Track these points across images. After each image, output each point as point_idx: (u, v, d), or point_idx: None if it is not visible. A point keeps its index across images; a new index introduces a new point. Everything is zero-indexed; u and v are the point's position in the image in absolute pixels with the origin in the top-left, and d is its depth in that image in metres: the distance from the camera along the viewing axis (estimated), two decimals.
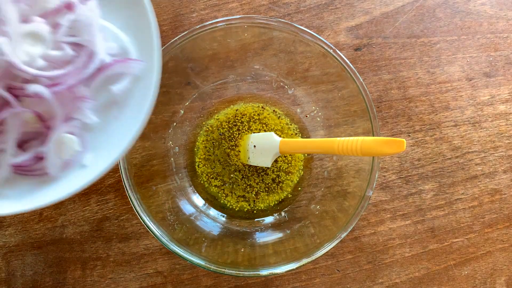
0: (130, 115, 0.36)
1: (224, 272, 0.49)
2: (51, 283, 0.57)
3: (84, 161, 0.36)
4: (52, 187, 0.35)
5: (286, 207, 0.61)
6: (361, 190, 0.52)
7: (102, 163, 0.35)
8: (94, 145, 0.37)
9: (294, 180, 0.61)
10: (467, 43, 0.67)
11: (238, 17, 0.53)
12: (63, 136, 0.35)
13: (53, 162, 0.35)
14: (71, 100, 0.35)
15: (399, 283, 0.61)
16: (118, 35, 0.37)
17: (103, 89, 0.37)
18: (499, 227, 0.63)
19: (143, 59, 0.36)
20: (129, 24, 0.37)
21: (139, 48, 0.37)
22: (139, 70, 0.36)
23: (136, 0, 0.36)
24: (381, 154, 0.46)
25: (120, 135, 0.36)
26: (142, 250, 0.59)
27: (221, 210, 0.60)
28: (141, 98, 0.36)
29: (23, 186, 0.35)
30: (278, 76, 0.61)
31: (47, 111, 0.35)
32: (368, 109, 0.53)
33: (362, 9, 0.66)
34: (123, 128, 0.36)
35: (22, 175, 0.36)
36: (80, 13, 0.35)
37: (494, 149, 0.64)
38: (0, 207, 0.33)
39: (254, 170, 0.60)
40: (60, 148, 0.35)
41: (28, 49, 0.33)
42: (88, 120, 0.36)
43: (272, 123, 0.62)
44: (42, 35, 0.34)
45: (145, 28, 0.36)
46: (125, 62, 0.36)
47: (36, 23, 0.33)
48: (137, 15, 0.36)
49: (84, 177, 0.35)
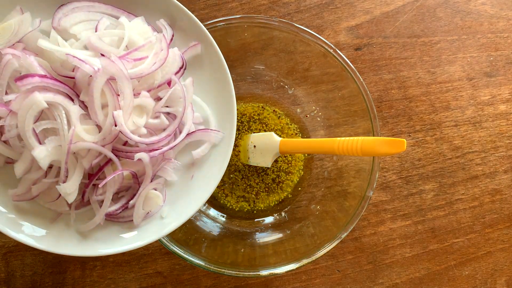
0: (205, 177, 0.42)
1: (224, 273, 0.49)
2: (51, 283, 0.57)
3: (161, 213, 0.42)
4: (134, 235, 0.40)
5: (286, 207, 0.60)
6: (362, 190, 0.52)
7: (178, 217, 0.41)
8: (171, 199, 0.42)
9: (294, 180, 0.61)
10: (467, 42, 0.67)
11: (238, 17, 0.53)
12: (150, 192, 0.41)
13: (138, 213, 0.40)
14: (160, 161, 0.41)
15: (400, 284, 0.60)
16: (202, 107, 0.43)
17: (185, 152, 0.43)
18: (500, 227, 0.63)
19: (221, 129, 0.43)
20: (211, 97, 0.43)
21: (218, 119, 0.43)
22: (216, 139, 0.42)
23: (223, 81, 0.42)
24: (381, 154, 0.46)
25: (196, 193, 0.42)
26: (142, 250, 0.59)
27: (221, 210, 0.60)
28: (216, 163, 0.42)
29: (110, 231, 0.41)
30: (278, 76, 0.61)
31: (140, 170, 0.40)
32: (369, 109, 0.53)
33: (363, 9, 0.66)
34: (199, 187, 0.42)
35: (110, 221, 0.41)
36: (177, 88, 0.40)
37: (495, 149, 0.64)
38: (90, 248, 0.39)
39: (254, 170, 0.60)
40: (146, 202, 0.41)
41: (135, 119, 0.38)
42: (169, 178, 0.42)
43: (272, 123, 0.61)
44: (147, 107, 0.39)
45: (227, 104, 0.42)
46: (206, 132, 0.42)
47: (144, 98, 0.39)
48: (221, 91, 0.43)
49: (161, 229, 0.40)
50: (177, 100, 0.42)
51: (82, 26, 0.40)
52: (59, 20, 0.39)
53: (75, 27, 0.40)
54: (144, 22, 0.42)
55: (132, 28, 0.40)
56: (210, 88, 0.44)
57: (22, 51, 0.37)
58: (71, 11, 0.40)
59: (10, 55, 0.37)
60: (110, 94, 0.37)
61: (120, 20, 0.41)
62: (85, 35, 0.39)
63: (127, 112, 0.37)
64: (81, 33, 0.40)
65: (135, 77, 0.38)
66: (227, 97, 0.43)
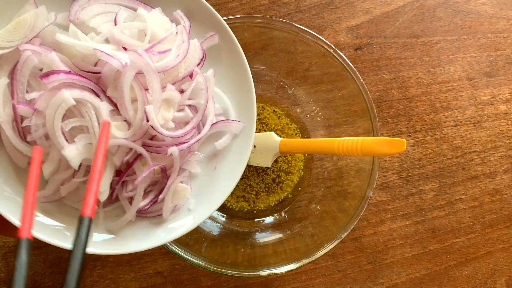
0: (229, 167, 0.42)
1: (224, 273, 0.49)
2: (51, 283, 0.57)
3: (188, 206, 0.41)
4: (163, 229, 0.40)
5: (286, 207, 0.60)
6: (362, 190, 0.52)
7: (206, 209, 0.40)
8: (196, 192, 0.42)
9: (294, 180, 0.61)
10: (467, 42, 0.67)
11: (238, 17, 0.53)
12: (178, 185, 0.40)
13: (168, 207, 0.40)
14: (186, 154, 0.41)
15: (400, 284, 0.60)
16: (222, 98, 0.43)
17: (206, 144, 0.43)
18: (500, 227, 0.63)
19: (241, 119, 0.43)
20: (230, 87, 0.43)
21: (238, 110, 0.43)
22: (237, 129, 0.42)
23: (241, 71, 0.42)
24: (381, 154, 0.46)
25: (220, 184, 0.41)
26: (142, 250, 0.59)
27: (221, 210, 0.60)
28: (238, 153, 0.42)
29: (139, 226, 0.40)
30: (278, 76, 0.61)
31: (167, 164, 0.40)
32: (369, 109, 0.53)
33: (363, 9, 0.66)
34: (223, 178, 0.42)
35: (139, 217, 0.41)
36: (200, 80, 0.40)
37: (495, 149, 0.64)
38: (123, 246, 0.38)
39: (254, 170, 0.60)
40: (174, 195, 0.40)
41: (163, 113, 0.38)
42: (193, 170, 0.42)
43: (272, 123, 0.61)
44: (173, 101, 0.39)
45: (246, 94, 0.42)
46: (228, 122, 0.42)
47: (170, 91, 0.38)
48: (239, 81, 0.43)
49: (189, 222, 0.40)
50: (199, 92, 0.41)
51: (100, 19, 0.39)
52: (75, 13, 0.38)
53: (93, 20, 0.39)
54: (162, 13, 0.41)
55: (152, 20, 0.39)
56: (228, 78, 0.43)
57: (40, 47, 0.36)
58: (87, 3, 0.39)
59: (29, 51, 0.35)
60: (139, 89, 0.36)
61: (139, 12, 0.40)
62: (106, 28, 0.38)
63: (156, 107, 0.37)
64: (100, 26, 0.38)
65: (162, 71, 0.38)
66: (246, 87, 0.42)
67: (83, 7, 0.39)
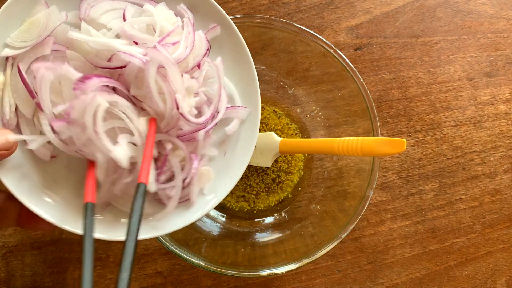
0: (238, 152, 0.44)
1: (224, 273, 0.49)
2: (51, 284, 0.57)
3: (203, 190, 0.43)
4: (192, 211, 0.42)
5: (286, 207, 0.60)
6: (362, 190, 0.52)
7: (219, 193, 0.42)
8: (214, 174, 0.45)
9: (294, 180, 0.61)
10: (467, 42, 0.66)
11: (238, 17, 0.53)
12: (202, 168, 0.42)
13: (195, 191, 0.42)
14: (205, 139, 0.43)
15: (400, 284, 0.60)
16: (227, 85, 0.45)
17: (219, 129, 0.45)
18: (500, 227, 0.63)
19: (246, 105, 0.44)
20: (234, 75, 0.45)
21: (242, 97, 0.45)
22: (244, 115, 0.44)
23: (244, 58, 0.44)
24: (381, 154, 0.46)
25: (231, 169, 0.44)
26: (142, 251, 0.59)
27: (221, 210, 0.60)
28: (246, 138, 0.44)
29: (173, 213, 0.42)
30: (278, 76, 0.61)
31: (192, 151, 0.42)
32: (369, 109, 0.53)
33: (363, 9, 0.66)
34: (233, 163, 0.44)
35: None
36: (209, 68, 0.42)
37: (495, 149, 0.64)
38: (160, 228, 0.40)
39: (254, 170, 0.60)
40: (199, 179, 0.42)
41: (187, 101, 0.40)
42: (211, 153, 0.44)
43: (272, 123, 0.61)
44: (191, 88, 0.40)
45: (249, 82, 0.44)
46: (234, 109, 0.44)
47: (188, 80, 0.40)
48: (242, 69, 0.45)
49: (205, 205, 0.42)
50: (207, 81, 0.43)
51: (110, 15, 0.40)
52: (85, 11, 0.39)
53: (102, 17, 0.40)
54: (167, 7, 0.43)
55: (159, 14, 0.41)
56: (232, 67, 0.45)
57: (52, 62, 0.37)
58: (95, 1, 0.40)
59: (43, 69, 0.36)
60: (163, 81, 0.37)
61: (145, 7, 0.41)
62: (116, 24, 0.39)
63: (182, 95, 0.39)
64: (110, 23, 0.40)
65: (177, 62, 0.39)
66: (249, 75, 0.44)
67: (92, 5, 0.40)
